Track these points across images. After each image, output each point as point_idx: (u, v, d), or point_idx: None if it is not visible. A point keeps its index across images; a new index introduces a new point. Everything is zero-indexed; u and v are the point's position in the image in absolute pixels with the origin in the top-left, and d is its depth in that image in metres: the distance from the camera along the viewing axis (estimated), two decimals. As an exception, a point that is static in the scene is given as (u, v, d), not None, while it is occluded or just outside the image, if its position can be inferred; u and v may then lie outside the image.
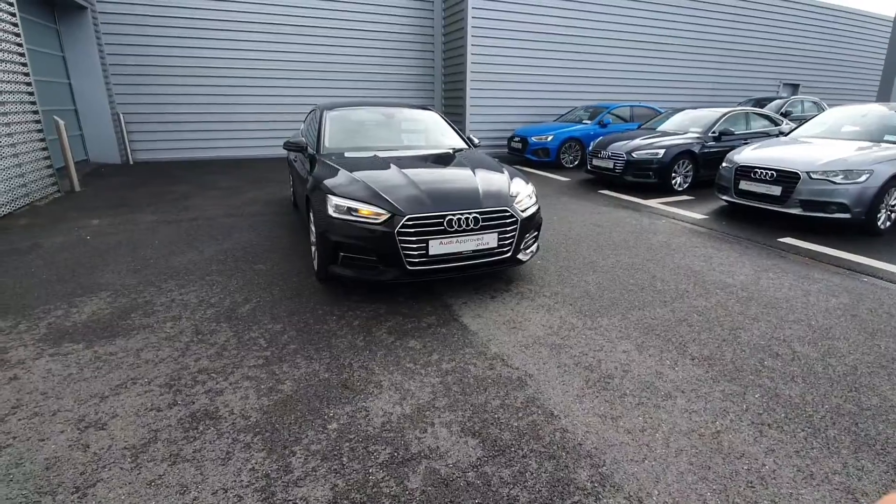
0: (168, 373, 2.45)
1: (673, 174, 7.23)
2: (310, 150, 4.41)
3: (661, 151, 7.13)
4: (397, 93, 12.44)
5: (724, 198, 6.01)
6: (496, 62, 11.54)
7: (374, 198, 3.23)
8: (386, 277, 3.19)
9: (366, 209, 3.17)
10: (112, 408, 2.16)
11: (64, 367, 2.49)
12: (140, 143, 11.00)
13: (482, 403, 2.21)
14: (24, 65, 6.66)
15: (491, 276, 3.83)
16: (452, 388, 2.33)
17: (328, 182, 3.48)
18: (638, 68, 13.52)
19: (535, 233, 3.82)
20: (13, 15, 6.43)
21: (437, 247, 3.17)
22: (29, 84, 6.76)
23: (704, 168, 7.34)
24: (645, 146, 7.33)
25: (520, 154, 10.26)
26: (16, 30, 6.50)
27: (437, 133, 4.91)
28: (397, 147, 4.52)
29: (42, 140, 6.98)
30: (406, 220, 3.10)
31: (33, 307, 3.21)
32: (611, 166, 7.60)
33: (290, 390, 2.30)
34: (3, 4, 6.22)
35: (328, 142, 4.39)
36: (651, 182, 7.27)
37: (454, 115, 12.24)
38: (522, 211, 3.53)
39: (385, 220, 3.12)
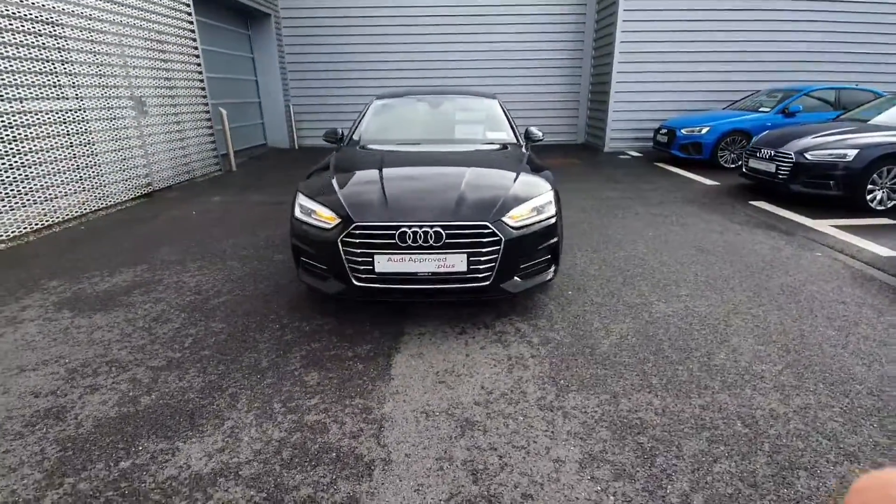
0: (86, 358, 2.54)
1: (870, 186, 4.93)
2: (342, 144, 4.22)
3: (852, 152, 4.91)
4: (543, 79, 11.48)
5: (946, 229, 3.80)
6: (651, 39, 9.62)
7: (333, 200, 2.84)
8: (332, 291, 2.79)
9: (323, 212, 2.80)
10: (6, 386, 2.31)
11: (36, 334, 2.81)
12: (305, 131, 12.58)
13: (289, 487, 1.68)
14: (199, 64, 8.08)
15: (486, 303, 3.09)
16: (283, 452, 1.84)
17: (306, 180, 3.21)
18: (857, 38, 9.74)
19: (546, 257, 2.92)
20: (191, 23, 7.82)
21: (384, 263, 2.62)
22: (202, 80, 8.19)
23: (933, 179, 4.82)
24: (827, 144, 5.15)
25: (665, 149, 8.43)
26: (192, 35, 7.90)
27: (482, 125, 4.22)
28: (425, 141, 4.00)
29: (209, 126, 8.44)
30: (352, 229, 2.63)
31: (84, 272, 3.78)
32: (772, 170, 5.59)
33: (145, 405, 2.14)
34: (182, 14, 7.60)
35: (356, 135, 4.13)
36: (832, 195, 5.10)
37: (598, 102, 10.75)
38: (516, 227, 2.70)
39: (335, 227, 2.70)
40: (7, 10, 4.64)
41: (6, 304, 3.19)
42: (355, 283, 2.68)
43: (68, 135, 5.44)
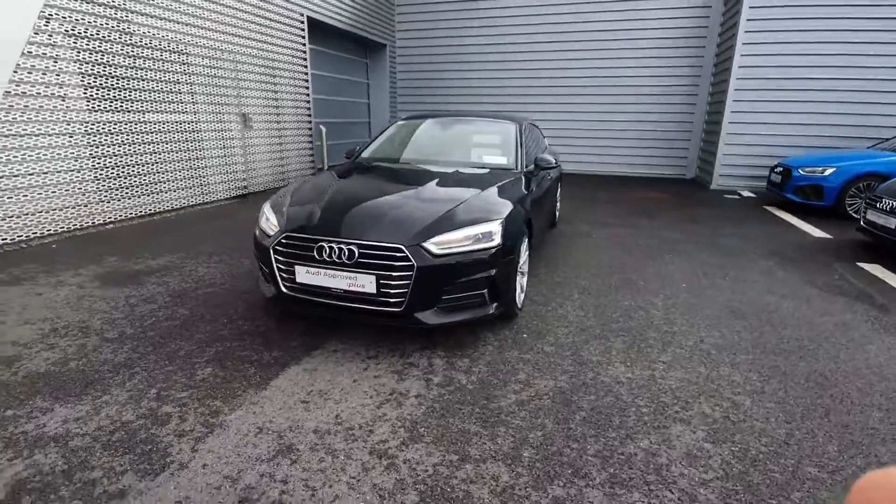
0: (71, 321, 3.01)
1: None
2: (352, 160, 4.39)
3: None
4: (652, 107, 10.51)
5: None
6: (776, 64, 8.14)
7: (280, 210, 2.98)
8: (269, 295, 2.91)
9: (273, 220, 2.96)
10: (3, 333, 2.85)
11: (62, 297, 3.42)
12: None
13: (87, 466, 1.77)
14: (307, 87, 9.17)
15: (422, 331, 2.90)
16: (116, 434, 1.95)
17: (280, 190, 3.42)
18: None
19: (480, 291, 2.66)
20: (304, 52, 8.93)
21: (303, 275, 2.66)
22: (308, 102, 9.27)
23: None
24: (978, 197, 3.79)
25: (778, 191, 7.04)
26: (304, 62, 9.01)
27: (485, 148, 4.05)
28: (417, 161, 3.99)
29: (309, 141, 9.49)
30: (282, 238, 2.73)
31: (140, 254, 4.50)
32: (891, 226, 4.31)
33: (69, 368, 2.45)
34: (297, 45, 8.73)
35: (367, 152, 4.26)
36: (978, 267, 3.72)
37: (711, 134, 9.47)
38: (439, 255, 2.52)
39: (274, 235, 2.83)
40: (149, 43, 5.86)
41: (65, 271, 3.95)
42: (283, 290, 2.77)
43: (183, 141, 6.59)
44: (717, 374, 2.53)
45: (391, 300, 2.52)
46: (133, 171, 5.91)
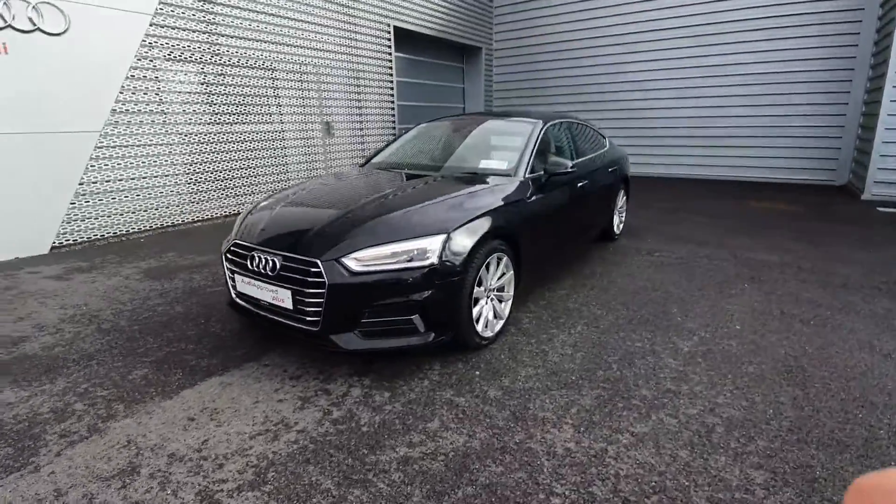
0: (91, 309, 3.39)
1: None
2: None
3: None
4: (788, 97, 8.58)
5: None
6: None
7: (243, 216, 2.98)
8: (228, 300, 2.92)
9: (237, 226, 2.97)
10: (34, 316, 3.31)
11: (105, 286, 3.91)
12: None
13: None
14: (392, 94, 9.43)
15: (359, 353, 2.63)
16: (14, 426, 2.07)
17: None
18: None
19: (409, 316, 2.30)
20: (389, 61, 9.19)
21: (241, 284, 2.61)
22: (392, 108, 9.53)
23: None
24: None
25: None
26: (389, 71, 9.27)
27: (492, 152, 3.59)
28: (418, 166, 3.72)
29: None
30: (231, 246, 2.72)
31: (193, 251, 4.99)
32: None
33: (49, 354, 2.73)
34: (383, 55, 9.02)
35: (379, 157, 4.09)
36: None
37: (866, 130, 7.31)
38: (360, 272, 2.25)
39: (228, 241, 2.84)
40: (238, 62, 6.55)
41: (129, 264, 4.53)
42: (233, 296, 2.75)
43: (267, 149, 7.24)
44: (702, 465, 1.80)
45: (307, 318, 2.32)
46: (221, 175, 6.64)
